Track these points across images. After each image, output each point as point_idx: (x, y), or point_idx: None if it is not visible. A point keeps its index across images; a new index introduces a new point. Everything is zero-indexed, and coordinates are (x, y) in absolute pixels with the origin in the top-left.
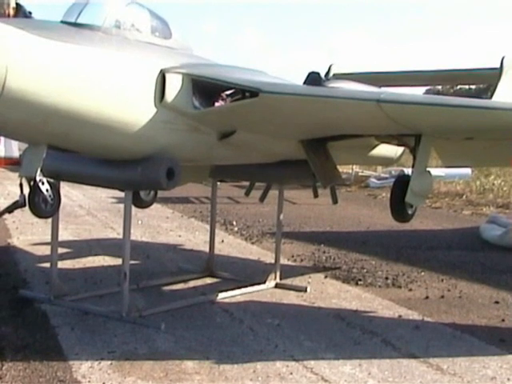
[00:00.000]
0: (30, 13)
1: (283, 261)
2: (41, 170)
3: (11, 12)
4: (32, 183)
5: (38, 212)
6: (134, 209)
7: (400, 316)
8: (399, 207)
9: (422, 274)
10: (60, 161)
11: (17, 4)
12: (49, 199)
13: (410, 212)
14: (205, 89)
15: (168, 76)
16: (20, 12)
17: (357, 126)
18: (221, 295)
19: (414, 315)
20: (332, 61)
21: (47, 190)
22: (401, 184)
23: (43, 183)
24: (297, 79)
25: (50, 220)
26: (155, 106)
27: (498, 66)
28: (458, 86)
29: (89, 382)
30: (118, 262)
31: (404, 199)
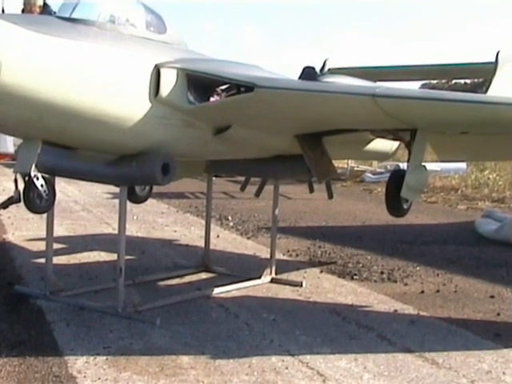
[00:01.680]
0: (55, 12)
1: (279, 256)
2: (35, 166)
3: (37, 10)
4: (27, 179)
5: (33, 207)
6: (129, 204)
7: (395, 310)
8: (394, 202)
9: (418, 268)
10: (55, 156)
11: (44, 3)
12: (43, 194)
13: (405, 207)
14: (200, 84)
15: (163, 71)
16: (45, 11)
17: (352, 120)
18: (216, 290)
19: (409, 310)
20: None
21: (42, 186)
22: (396, 179)
23: (38, 179)
24: (295, 77)
25: (45, 216)
26: (150, 101)
27: (493, 60)
28: (454, 81)
29: (84, 377)
30: (114, 257)
31: (399, 194)
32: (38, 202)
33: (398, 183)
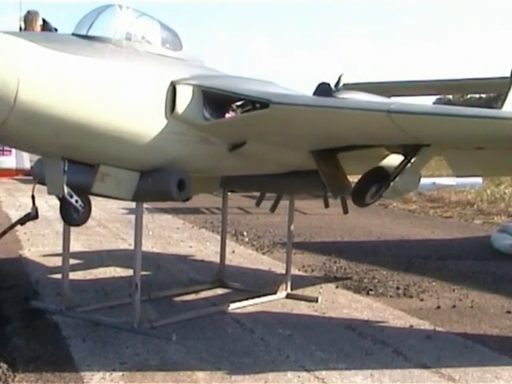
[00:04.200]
0: (56, 30)
1: (294, 271)
2: (66, 184)
3: (38, 28)
4: (61, 197)
5: (72, 222)
6: (144, 220)
7: (411, 326)
8: (361, 195)
9: (433, 283)
10: (71, 172)
11: (44, 20)
12: (80, 208)
13: (370, 201)
14: (215, 100)
15: (178, 87)
16: (46, 29)
17: (367, 136)
18: (232, 306)
19: (425, 325)
20: (341, 66)
21: (77, 201)
22: (374, 175)
23: (72, 196)
24: (307, 85)
25: (61, 231)
26: (166, 117)
27: (508, 74)
28: (468, 95)
29: None
30: (129, 272)
31: (368, 189)
32: (76, 215)
33: (375, 179)
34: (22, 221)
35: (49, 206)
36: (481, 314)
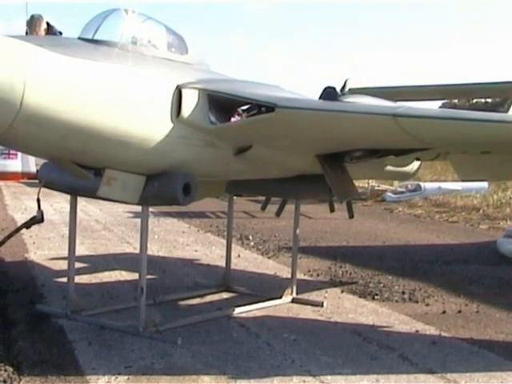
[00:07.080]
0: (61, 33)
1: (300, 275)
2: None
3: (42, 33)
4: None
5: None
6: (150, 223)
7: (417, 331)
8: (342, 152)
9: (439, 288)
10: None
11: (48, 24)
12: None
13: (346, 160)
14: (221, 104)
15: (184, 91)
16: (50, 32)
17: (373, 140)
18: (237, 310)
19: (431, 330)
20: (357, 75)
21: None
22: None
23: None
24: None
25: (66, 235)
26: (172, 121)
27: None
28: (474, 100)
29: None
30: (135, 276)
31: (352, 151)
32: None
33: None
34: (28, 224)
35: (54, 209)
36: (487, 320)
